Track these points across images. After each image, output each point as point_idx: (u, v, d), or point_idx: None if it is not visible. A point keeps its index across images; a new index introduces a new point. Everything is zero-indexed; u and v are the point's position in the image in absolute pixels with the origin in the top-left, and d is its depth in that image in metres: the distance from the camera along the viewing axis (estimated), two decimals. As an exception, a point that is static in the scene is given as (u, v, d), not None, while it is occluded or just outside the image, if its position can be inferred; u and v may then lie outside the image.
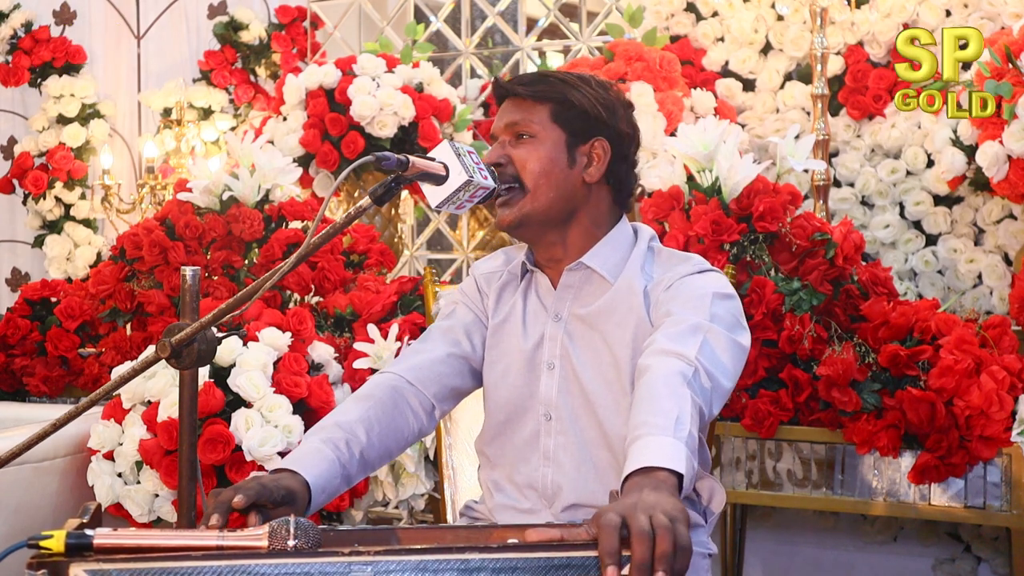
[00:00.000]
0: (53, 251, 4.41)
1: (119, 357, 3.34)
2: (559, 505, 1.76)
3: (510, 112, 1.78)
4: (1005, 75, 2.73)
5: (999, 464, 2.41)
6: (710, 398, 1.53)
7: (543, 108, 1.77)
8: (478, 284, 1.90)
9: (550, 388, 1.76)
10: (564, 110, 1.76)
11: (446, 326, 1.88)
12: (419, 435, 1.81)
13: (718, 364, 1.56)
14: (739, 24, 3.65)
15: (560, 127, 1.76)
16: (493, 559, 1.11)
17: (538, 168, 1.73)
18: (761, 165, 2.77)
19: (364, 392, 1.78)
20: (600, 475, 1.74)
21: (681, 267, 1.74)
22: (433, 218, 4.06)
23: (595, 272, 1.77)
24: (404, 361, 1.84)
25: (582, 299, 1.78)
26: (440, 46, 4.31)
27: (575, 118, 1.77)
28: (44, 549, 1.14)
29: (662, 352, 1.54)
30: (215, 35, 4.50)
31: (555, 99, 1.77)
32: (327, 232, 1.54)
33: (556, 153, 1.75)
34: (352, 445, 1.67)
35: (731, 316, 1.66)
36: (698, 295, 1.66)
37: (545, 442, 1.77)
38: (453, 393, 1.86)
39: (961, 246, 3.34)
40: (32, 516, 2.69)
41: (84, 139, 4.41)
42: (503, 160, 1.74)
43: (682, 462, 1.32)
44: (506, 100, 1.81)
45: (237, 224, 3.24)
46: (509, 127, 1.77)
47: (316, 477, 1.58)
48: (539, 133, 1.75)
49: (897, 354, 2.46)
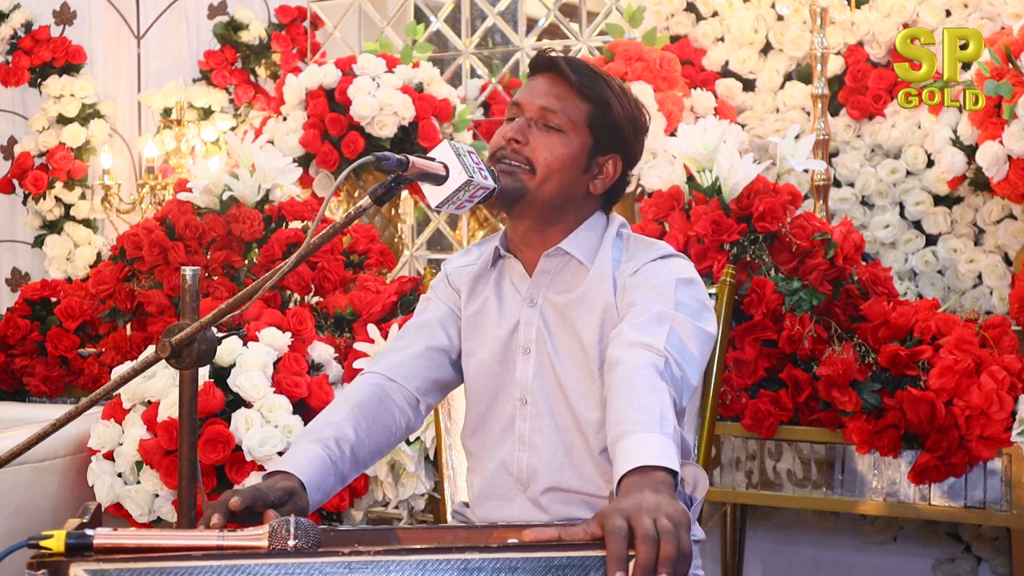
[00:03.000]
0: (53, 251, 4.41)
1: (119, 357, 3.34)
2: (535, 489, 1.75)
3: (549, 95, 1.74)
4: (1005, 75, 2.73)
5: (999, 464, 2.41)
6: (681, 389, 1.54)
7: (583, 106, 1.73)
8: (449, 279, 1.88)
9: (526, 372, 1.76)
10: (601, 116, 1.74)
11: (420, 322, 1.87)
12: (407, 430, 1.81)
13: (685, 354, 1.57)
14: (739, 24, 3.64)
15: (591, 132, 1.74)
16: (493, 559, 1.12)
17: (557, 165, 1.72)
18: (761, 165, 2.77)
19: (348, 393, 1.78)
20: (574, 459, 1.73)
21: (645, 253, 1.74)
22: (433, 218, 4.06)
23: (573, 258, 1.76)
24: (383, 360, 1.83)
25: (557, 285, 1.77)
26: (440, 46, 4.31)
27: (607, 127, 1.75)
28: (44, 549, 1.14)
29: (631, 344, 1.54)
30: (215, 35, 4.50)
31: (597, 102, 1.74)
32: (327, 232, 1.54)
33: (578, 156, 1.73)
34: (342, 443, 1.66)
35: (695, 302, 1.67)
36: (662, 282, 1.66)
37: (520, 426, 1.76)
38: (436, 385, 1.84)
39: (961, 246, 3.34)
40: (32, 516, 2.69)
41: (84, 139, 4.41)
42: (523, 140, 1.72)
43: (675, 460, 1.34)
44: (546, 74, 1.75)
45: (237, 224, 3.24)
46: (543, 111, 1.73)
47: (310, 476, 1.57)
48: (570, 130, 1.73)
49: (897, 354, 2.46)
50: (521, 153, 1.72)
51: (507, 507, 1.78)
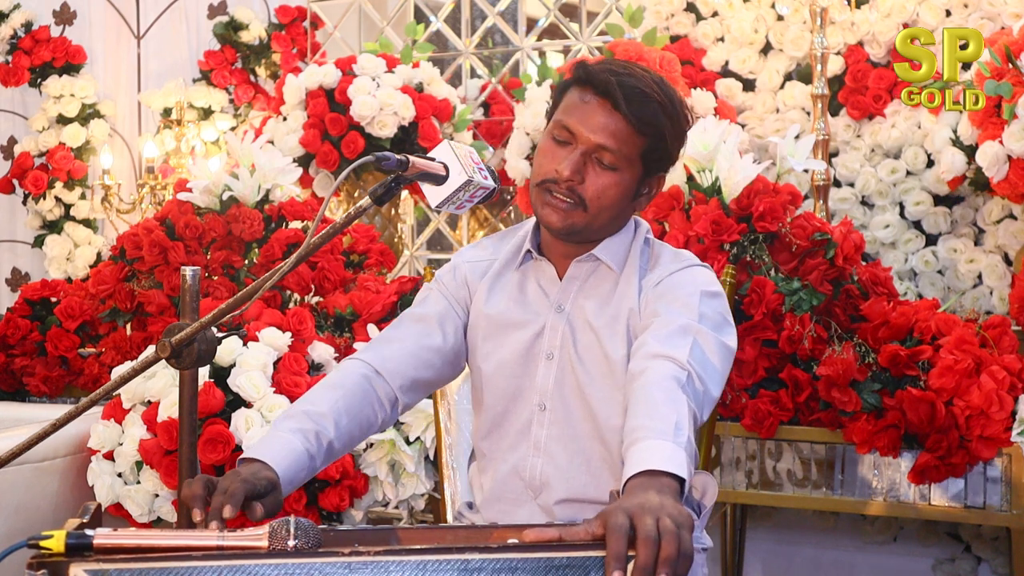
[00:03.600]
0: (53, 251, 4.41)
1: (119, 357, 3.34)
2: (549, 498, 1.75)
3: (605, 130, 1.68)
4: (1005, 75, 2.73)
5: (999, 464, 2.41)
6: (702, 402, 1.54)
7: (639, 142, 1.69)
8: (459, 273, 1.86)
9: (547, 378, 1.75)
10: (654, 147, 1.71)
11: (419, 314, 1.84)
12: (382, 427, 1.78)
13: (708, 368, 1.57)
14: (739, 24, 3.64)
15: (643, 164, 1.72)
16: (493, 559, 1.12)
17: (609, 202, 1.71)
18: (761, 165, 2.77)
19: (334, 380, 1.74)
20: (592, 468, 1.73)
21: (671, 262, 1.75)
22: (433, 218, 4.06)
23: (602, 263, 1.76)
24: (374, 350, 1.80)
25: (586, 291, 1.77)
26: (440, 46, 4.31)
27: (659, 158, 1.73)
28: (44, 549, 1.14)
29: (654, 356, 1.54)
30: (215, 35, 4.50)
31: (653, 135, 1.70)
32: (327, 232, 1.54)
33: (632, 188, 1.73)
34: (321, 437, 1.64)
35: (718, 315, 1.67)
36: (687, 292, 1.66)
37: (537, 432, 1.76)
38: (419, 386, 1.81)
39: (961, 246, 3.34)
40: (32, 516, 2.69)
41: (84, 139, 4.41)
42: (578, 179, 1.69)
43: (683, 467, 1.33)
44: (601, 101, 1.68)
45: (237, 224, 3.24)
46: (600, 149, 1.68)
47: (285, 470, 1.54)
48: (624, 168, 1.70)
49: (897, 354, 2.46)
50: (575, 192, 1.70)
51: (516, 512, 1.77)
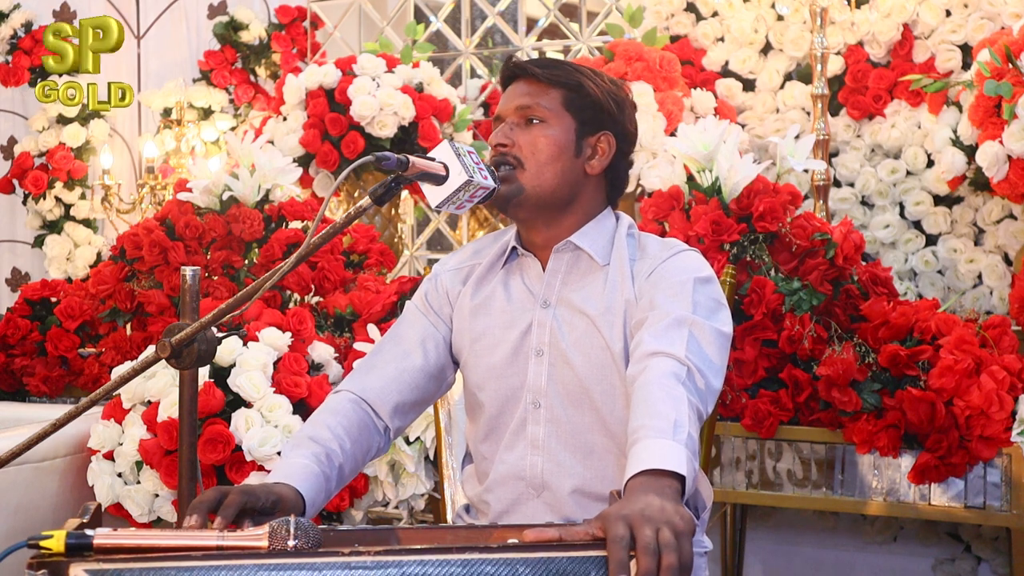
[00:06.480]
0: (53, 251, 4.41)
1: (119, 357, 3.34)
2: (552, 494, 1.74)
3: (521, 94, 1.75)
4: (1005, 75, 2.73)
5: (999, 464, 2.41)
6: (704, 396, 1.53)
7: (556, 93, 1.75)
8: (444, 284, 1.87)
9: (539, 376, 1.74)
10: (577, 98, 1.75)
11: (396, 336, 1.85)
12: (379, 453, 1.80)
13: (706, 360, 1.57)
14: (739, 24, 3.64)
15: (571, 115, 1.75)
16: (493, 559, 1.11)
17: (546, 153, 1.72)
18: (761, 165, 2.77)
19: (332, 407, 1.76)
20: (598, 459, 1.73)
21: (660, 251, 1.74)
22: (433, 218, 4.06)
23: (584, 253, 1.76)
24: (358, 380, 1.81)
25: (570, 283, 1.76)
26: (440, 46, 4.31)
27: (587, 108, 1.75)
28: (44, 549, 1.14)
29: (652, 354, 1.54)
30: (215, 35, 4.50)
31: (569, 85, 1.75)
32: (327, 232, 1.54)
33: (565, 140, 1.74)
34: (333, 459, 1.66)
35: (712, 301, 1.67)
36: (679, 281, 1.66)
37: (533, 430, 1.75)
38: (405, 408, 1.82)
39: (961, 246, 3.35)
40: (32, 516, 2.69)
41: (84, 139, 4.42)
42: (508, 142, 1.73)
43: (683, 464, 1.32)
44: (516, 81, 1.78)
45: (237, 224, 3.24)
46: (520, 110, 1.74)
47: (307, 491, 1.56)
48: (550, 118, 1.73)
49: (897, 354, 2.46)
50: (510, 154, 1.72)
51: (519, 510, 1.77)
